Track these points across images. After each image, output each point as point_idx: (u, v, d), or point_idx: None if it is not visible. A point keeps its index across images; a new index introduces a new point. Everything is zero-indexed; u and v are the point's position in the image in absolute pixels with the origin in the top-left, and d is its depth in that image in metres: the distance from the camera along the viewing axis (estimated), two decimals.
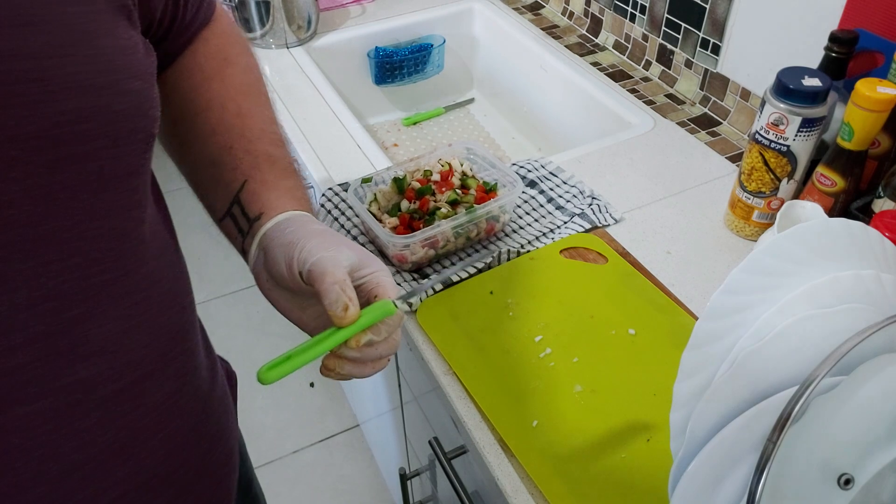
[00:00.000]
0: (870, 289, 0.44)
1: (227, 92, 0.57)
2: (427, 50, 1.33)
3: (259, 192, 0.53)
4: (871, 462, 0.41)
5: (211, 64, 0.57)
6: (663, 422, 0.46)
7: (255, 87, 0.59)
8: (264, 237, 0.51)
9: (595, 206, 0.86)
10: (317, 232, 0.49)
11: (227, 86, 0.57)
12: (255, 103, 0.58)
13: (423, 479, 0.98)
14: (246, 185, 0.54)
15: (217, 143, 0.55)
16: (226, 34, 0.60)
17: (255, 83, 0.59)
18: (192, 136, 0.56)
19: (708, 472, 0.42)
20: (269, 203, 0.52)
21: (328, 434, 1.71)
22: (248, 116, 0.57)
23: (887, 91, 0.66)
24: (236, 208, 0.54)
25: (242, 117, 0.56)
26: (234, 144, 0.55)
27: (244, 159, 0.54)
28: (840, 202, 0.74)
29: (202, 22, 0.57)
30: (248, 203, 0.53)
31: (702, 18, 1.02)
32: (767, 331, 0.42)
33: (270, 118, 0.59)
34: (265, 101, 0.59)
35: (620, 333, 0.71)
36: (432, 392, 0.80)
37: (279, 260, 0.48)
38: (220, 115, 0.56)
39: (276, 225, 0.51)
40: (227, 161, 0.55)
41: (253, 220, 0.52)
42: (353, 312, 0.44)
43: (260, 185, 0.54)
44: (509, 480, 0.60)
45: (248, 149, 0.55)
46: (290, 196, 0.54)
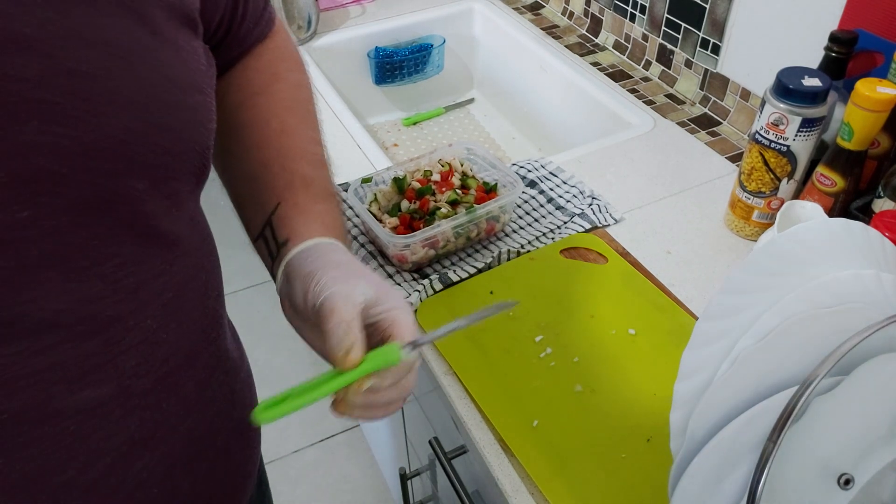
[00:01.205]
0: (870, 289, 0.44)
1: (272, 108, 0.56)
2: (427, 50, 1.33)
3: (289, 217, 0.52)
4: (871, 462, 0.41)
5: (260, 79, 0.57)
6: (663, 422, 0.46)
7: (303, 105, 0.58)
8: (288, 265, 0.49)
9: (595, 206, 0.86)
10: (336, 263, 0.48)
11: (273, 101, 0.56)
12: (299, 121, 0.57)
13: (423, 479, 0.98)
14: (279, 207, 0.53)
15: (257, 160, 0.54)
16: (279, 49, 0.59)
17: (303, 101, 0.58)
18: (235, 150, 0.55)
19: (708, 472, 0.42)
20: (297, 229, 0.51)
21: (328, 434, 1.71)
22: (291, 135, 0.56)
23: (887, 91, 0.66)
24: (268, 230, 0.53)
25: (285, 135, 0.55)
26: (273, 162, 0.54)
27: (280, 178, 0.53)
28: (840, 202, 0.74)
29: (257, 37, 0.57)
30: (279, 227, 0.52)
31: (702, 18, 1.02)
32: (767, 331, 0.42)
33: (314, 138, 0.57)
34: (311, 120, 0.58)
35: (620, 333, 0.71)
36: (432, 392, 0.80)
37: (298, 291, 0.47)
38: (262, 130, 0.55)
39: (299, 253, 0.49)
40: (264, 179, 0.54)
41: (280, 244, 0.51)
42: (354, 357, 0.42)
43: (291, 208, 0.52)
44: (509, 480, 0.60)
45: (285, 167, 0.54)
46: (320, 221, 0.52)
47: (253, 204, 0.54)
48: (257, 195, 0.54)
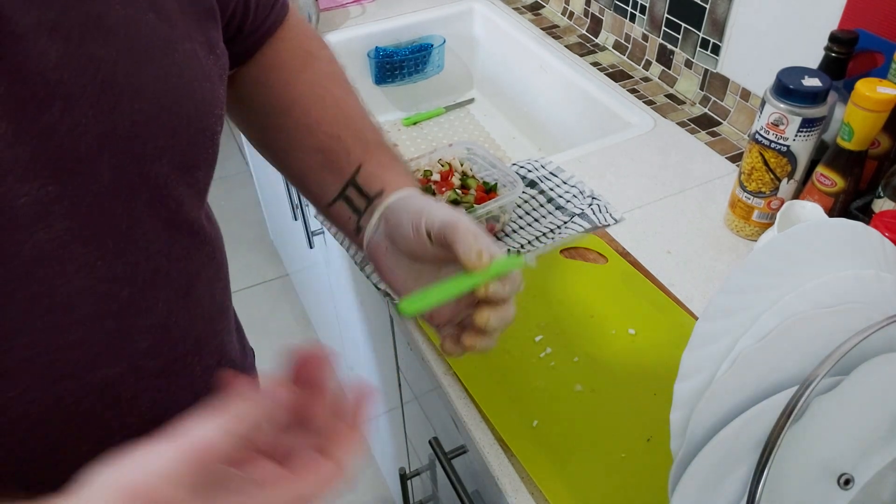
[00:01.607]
0: (870, 289, 0.44)
1: (321, 82, 0.59)
2: (427, 50, 1.33)
3: (377, 173, 0.56)
4: (871, 462, 0.41)
5: (296, 58, 0.59)
6: (663, 422, 0.46)
7: (343, 78, 0.62)
8: (387, 209, 0.53)
9: (595, 206, 0.86)
10: (441, 204, 0.51)
11: (319, 77, 0.60)
12: (346, 92, 0.61)
13: (423, 478, 0.98)
14: (362, 167, 0.56)
15: (324, 132, 0.57)
16: (302, 30, 0.62)
17: (341, 74, 0.62)
18: (288, 128, 0.58)
19: (708, 472, 0.42)
20: (389, 181, 0.55)
21: None
22: (346, 106, 0.59)
23: (887, 91, 0.66)
24: (351, 190, 0.56)
25: (341, 107, 0.59)
26: (342, 133, 0.57)
27: (355, 146, 0.57)
28: (840, 202, 0.74)
29: (275, 20, 0.58)
30: (367, 183, 0.56)
31: (702, 18, 1.02)
32: (767, 331, 0.42)
33: (363, 106, 0.61)
34: (353, 90, 0.62)
35: (620, 333, 0.71)
36: (432, 392, 0.80)
37: (405, 224, 0.50)
38: (319, 105, 0.58)
39: (399, 199, 0.53)
40: (336, 149, 0.57)
41: (373, 197, 0.55)
42: (486, 257, 0.45)
43: (377, 166, 0.56)
44: (509, 480, 0.60)
45: (357, 136, 0.57)
46: (407, 177, 0.56)
47: (327, 172, 0.57)
48: (331, 164, 0.57)
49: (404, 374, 0.97)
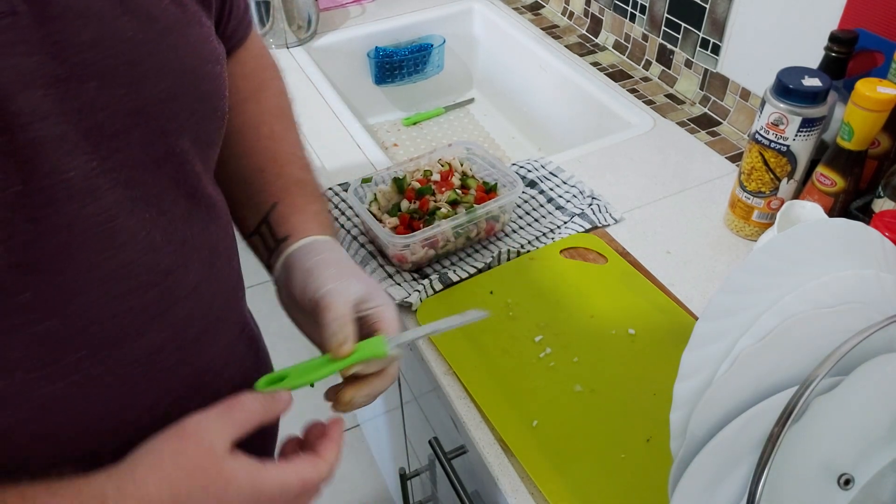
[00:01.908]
0: (870, 289, 0.44)
1: (261, 115, 0.60)
2: (427, 50, 1.33)
3: (287, 216, 0.57)
4: (871, 462, 0.41)
5: (247, 85, 0.61)
6: (663, 422, 0.46)
7: (287, 112, 0.63)
8: (289, 258, 0.55)
9: (595, 206, 0.86)
10: (332, 261, 0.53)
11: (261, 109, 0.61)
12: (285, 127, 0.62)
13: (423, 479, 0.98)
14: (276, 207, 0.57)
15: (249, 165, 0.59)
16: (261, 57, 0.63)
17: (286, 107, 0.63)
18: (225, 155, 0.58)
19: (708, 472, 0.42)
20: (296, 227, 0.56)
21: None
22: (280, 140, 0.60)
23: (887, 91, 0.66)
24: (265, 228, 0.57)
25: (274, 140, 0.60)
26: (266, 167, 0.59)
27: (275, 183, 0.58)
28: (840, 202, 0.74)
29: (240, 38, 0.60)
30: (277, 224, 0.57)
31: (702, 18, 1.02)
32: (767, 331, 0.42)
33: (299, 142, 0.62)
34: (294, 126, 0.63)
35: (620, 333, 0.71)
36: (432, 392, 0.80)
37: (297, 284, 0.52)
38: (254, 137, 0.59)
39: (299, 248, 0.54)
40: (258, 183, 0.58)
41: (280, 240, 0.56)
42: (346, 349, 0.48)
43: (289, 208, 0.57)
44: (509, 480, 0.60)
45: (279, 172, 0.59)
46: (316, 220, 0.57)
47: (247, 205, 0.58)
48: (253, 196, 0.58)
49: (404, 374, 0.97)
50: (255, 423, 0.44)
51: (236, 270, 0.54)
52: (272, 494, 0.43)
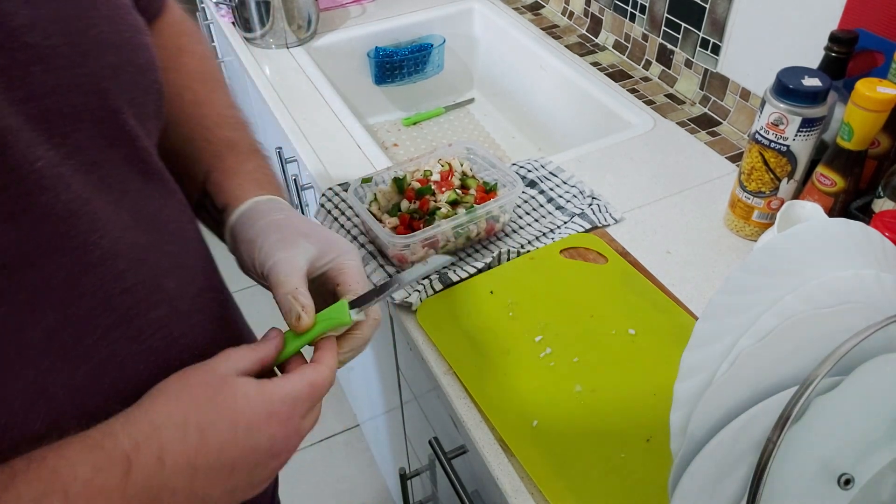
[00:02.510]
0: (870, 289, 0.44)
1: (182, 81, 0.58)
2: (427, 50, 1.33)
3: (222, 183, 0.55)
4: (871, 462, 0.41)
5: (165, 55, 0.58)
6: (663, 422, 0.46)
7: (211, 74, 0.61)
8: (232, 230, 0.53)
9: (595, 206, 0.86)
10: (276, 225, 0.51)
11: (182, 75, 0.58)
12: (211, 89, 0.60)
13: (423, 479, 0.98)
14: (210, 176, 0.55)
15: (179, 135, 0.56)
16: (177, 23, 0.61)
17: (210, 70, 0.61)
18: None
19: (708, 472, 0.42)
20: (232, 193, 0.54)
21: (328, 434, 1.71)
22: (205, 104, 0.58)
23: (887, 91, 0.66)
24: (207, 200, 0.56)
25: (199, 105, 0.58)
26: (195, 135, 0.57)
27: (206, 149, 0.56)
28: (840, 202, 0.74)
29: (156, 10, 0.59)
30: (215, 194, 0.55)
31: (702, 18, 1.02)
32: (767, 331, 0.42)
33: (228, 102, 0.60)
34: (222, 87, 0.61)
35: (620, 333, 0.71)
36: (432, 392, 0.80)
37: (245, 257, 0.52)
38: (178, 106, 0.57)
39: (239, 217, 0.53)
40: (190, 153, 0.56)
41: (221, 211, 0.55)
42: (305, 323, 0.47)
43: (222, 174, 0.55)
44: (509, 480, 0.60)
45: (207, 137, 0.57)
46: (252, 180, 0.55)
47: (186, 179, 0.55)
48: (188, 169, 0.56)
49: (404, 374, 0.96)
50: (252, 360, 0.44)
51: (205, 243, 0.53)
52: (284, 400, 0.43)
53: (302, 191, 1.11)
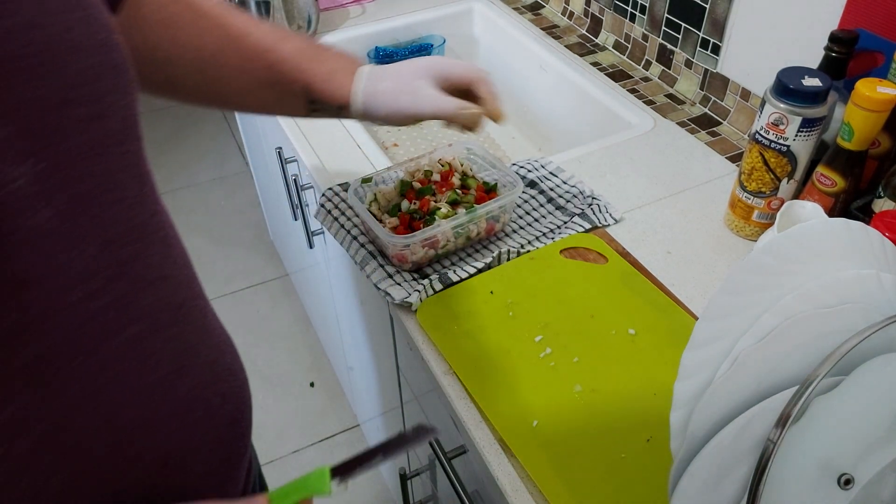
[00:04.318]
0: (870, 289, 0.44)
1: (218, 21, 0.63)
2: (427, 50, 1.33)
3: (325, 89, 0.66)
4: (871, 462, 0.41)
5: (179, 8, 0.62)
6: (663, 422, 0.46)
7: (224, 5, 0.66)
8: (363, 110, 0.67)
9: (595, 206, 0.86)
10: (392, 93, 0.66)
11: (214, 17, 0.63)
12: (237, 16, 0.65)
13: (423, 479, 0.98)
14: (311, 88, 0.66)
15: (255, 68, 0.64)
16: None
17: (220, 1, 0.65)
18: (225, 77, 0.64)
19: (708, 472, 0.42)
20: (338, 93, 0.66)
21: (328, 434, 1.71)
22: (249, 33, 0.64)
23: (887, 91, 0.66)
24: (317, 105, 0.67)
25: (249, 36, 0.64)
26: (269, 62, 0.64)
27: (285, 70, 0.65)
28: (840, 202, 0.74)
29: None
30: (326, 98, 0.66)
31: (702, 18, 1.02)
32: (767, 331, 0.42)
33: (254, 20, 0.67)
34: (236, 9, 0.67)
35: (620, 333, 0.71)
36: (432, 392, 0.80)
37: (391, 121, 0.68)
38: (235, 46, 0.64)
39: (361, 109, 0.67)
40: (276, 79, 0.65)
41: (340, 107, 0.67)
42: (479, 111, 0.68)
43: (320, 82, 0.66)
44: (509, 480, 0.60)
45: (280, 59, 0.64)
46: (340, 71, 0.66)
47: (287, 99, 0.67)
48: (284, 91, 0.66)
49: (404, 374, 0.96)
50: None
51: (184, 249, 0.54)
52: None
53: (302, 191, 1.11)
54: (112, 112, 0.42)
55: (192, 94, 0.67)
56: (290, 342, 1.93)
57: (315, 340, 1.91)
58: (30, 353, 0.38)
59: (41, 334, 0.38)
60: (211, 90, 0.66)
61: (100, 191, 0.41)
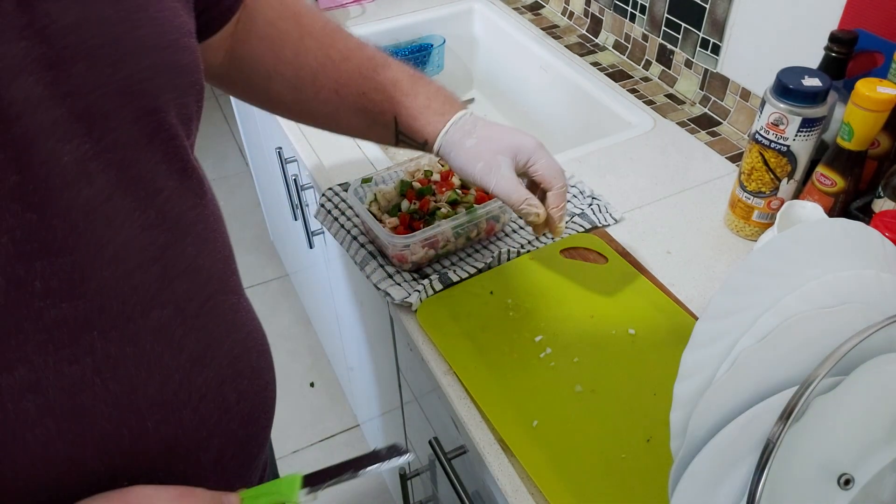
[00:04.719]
0: (870, 289, 0.44)
1: (323, 42, 0.65)
2: (427, 50, 1.33)
3: (412, 125, 0.66)
4: (871, 462, 0.41)
5: (288, 25, 0.64)
6: (663, 422, 0.46)
7: (333, 24, 0.66)
8: (440, 155, 0.67)
9: (595, 206, 0.86)
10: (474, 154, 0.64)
11: (320, 38, 0.65)
12: (345, 39, 0.66)
13: (423, 479, 0.98)
14: (398, 121, 0.66)
15: (350, 94, 0.65)
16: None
17: (329, 21, 0.66)
18: (319, 95, 0.65)
19: (708, 472, 0.42)
20: (425, 130, 0.66)
21: (328, 434, 1.71)
22: (354, 57, 0.66)
23: (887, 91, 0.66)
24: (402, 138, 0.68)
25: (348, 60, 0.65)
26: (364, 88, 0.65)
27: (381, 99, 0.66)
28: (840, 202, 0.74)
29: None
30: (412, 135, 0.67)
31: (702, 18, 1.02)
32: (767, 331, 0.42)
33: (361, 43, 0.67)
34: (345, 31, 0.67)
35: (620, 333, 0.71)
36: (432, 392, 0.80)
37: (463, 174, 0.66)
38: (334, 68, 0.65)
39: (440, 151, 0.67)
40: (367, 106, 0.66)
41: (422, 144, 0.68)
42: (543, 215, 0.64)
43: (407, 118, 0.66)
44: (509, 480, 0.60)
45: (376, 88, 0.65)
46: (432, 112, 0.66)
47: (376, 127, 0.68)
48: (374, 119, 0.67)
49: (404, 374, 0.97)
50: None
51: (228, 244, 0.55)
52: None
53: (302, 191, 1.11)
54: (166, 109, 0.44)
55: (287, 110, 0.68)
56: (290, 342, 1.93)
57: (315, 340, 1.91)
58: (52, 317, 0.40)
59: (67, 301, 0.40)
60: (305, 108, 0.67)
61: (140, 179, 0.43)
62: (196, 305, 0.48)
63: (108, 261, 0.41)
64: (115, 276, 0.42)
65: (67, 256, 0.40)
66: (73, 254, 0.40)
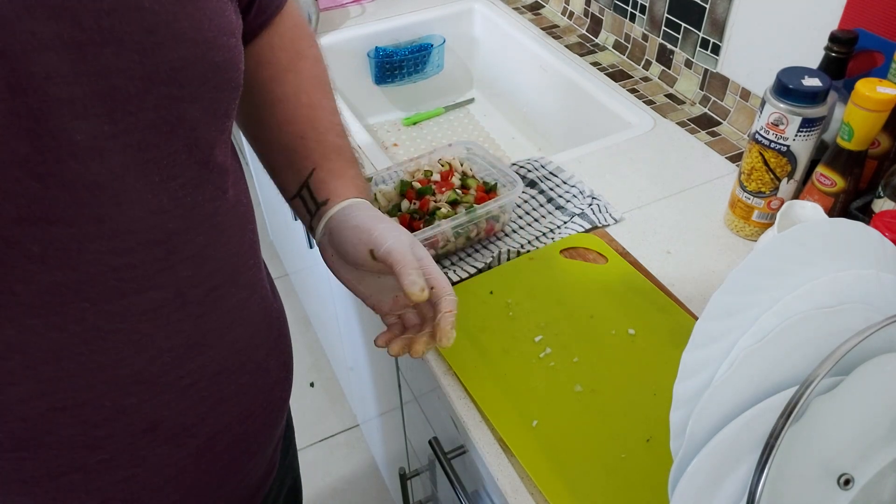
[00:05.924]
0: (870, 289, 0.44)
1: (301, 84, 0.63)
2: (427, 50, 1.33)
3: (326, 181, 0.62)
4: (871, 462, 0.41)
5: (286, 56, 0.63)
6: (663, 422, 0.46)
7: (324, 79, 0.66)
8: (331, 220, 0.60)
9: (595, 206, 0.86)
10: (379, 217, 0.58)
11: (301, 78, 0.64)
12: (323, 95, 0.65)
13: (423, 479, 0.98)
14: (314, 172, 0.62)
15: (290, 133, 0.63)
16: (297, 27, 0.65)
17: (323, 75, 0.66)
18: (269, 122, 0.63)
19: (708, 472, 0.42)
20: (335, 191, 0.61)
21: (328, 434, 1.71)
22: (319, 108, 0.64)
23: (887, 91, 0.66)
24: (305, 192, 0.63)
25: (314, 108, 0.64)
26: (307, 135, 0.62)
27: (315, 149, 0.62)
28: (840, 202, 0.74)
29: (276, 7, 0.62)
30: (317, 189, 0.62)
31: (702, 18, 1.02)
32: (767, 331, 0.42)
33: (335, 109, 0.66)
34: (331, 93, 0.66)
35: (620, 333, 0.71)
36: (432, 392, 0.80)
37: (348, 241, 0.57)
38: (294, 106, 0.63)
39: (340, 210, 0.60)
40: (299, 149, 0.62)
41: (320, 204, 0.61)
42: (426, 295, 0.53)
43: (327, 173, 0.62)
44: (509, 480, 0.60)
45: (318, 139, 0.63)
46: (353, 185, 0.62)
47: (288, 170, 0.63)
48: (294, 163, 0.63)
49: (404, 374, 0.96)
50: None
51: (249, 239, 0.55)
52: None
53: None
54: (194, 101, 0.45)
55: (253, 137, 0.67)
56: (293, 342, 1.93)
57: (315, 340, 1.91)
58: (44, 282, 0.41)
59: (60, 269, 0.41)
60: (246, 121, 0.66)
61: (156, 164, 0.44)
62: (200, 293, 0.49)
63: (108, 235, 0.42)
64: (112, 252, 0.43)
65: (66, 227, 0.41)
66: (72, 226, 0.41)
